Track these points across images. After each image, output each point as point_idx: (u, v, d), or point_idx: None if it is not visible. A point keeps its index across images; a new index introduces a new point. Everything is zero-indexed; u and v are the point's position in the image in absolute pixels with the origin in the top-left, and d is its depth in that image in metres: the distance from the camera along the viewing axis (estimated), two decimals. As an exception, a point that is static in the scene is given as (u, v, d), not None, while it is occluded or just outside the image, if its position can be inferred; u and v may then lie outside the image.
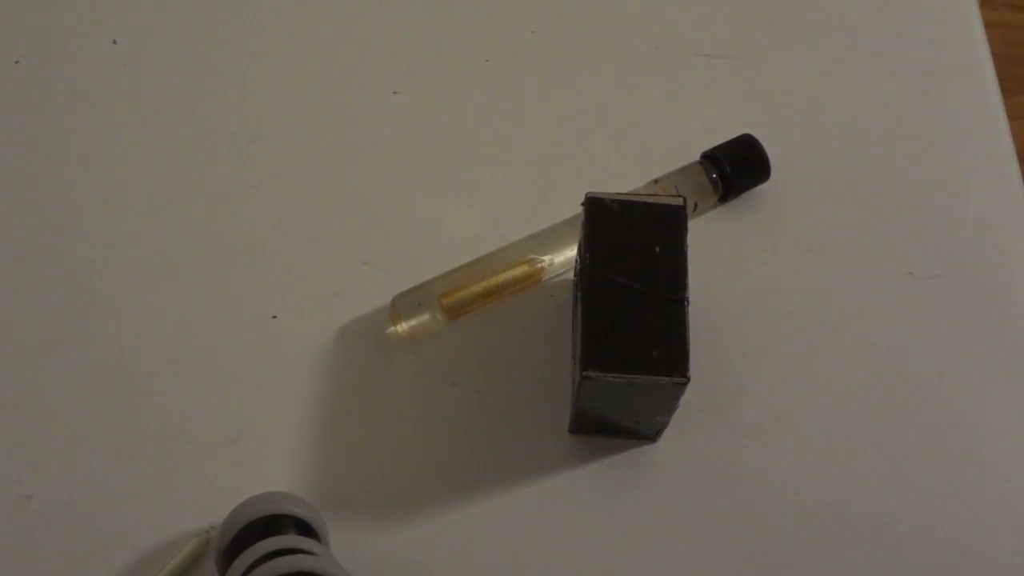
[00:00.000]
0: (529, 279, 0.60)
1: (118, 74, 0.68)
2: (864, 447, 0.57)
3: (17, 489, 0.55)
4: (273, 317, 0.60)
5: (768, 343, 0.60)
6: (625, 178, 0.61)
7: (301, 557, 0.48)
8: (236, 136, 0.66)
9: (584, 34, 0.70)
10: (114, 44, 0.69)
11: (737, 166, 0.62)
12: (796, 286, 0.62)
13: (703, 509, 0.56)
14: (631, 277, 0.51)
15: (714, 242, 0.62)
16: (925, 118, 0.67)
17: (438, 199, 0.64)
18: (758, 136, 0.63)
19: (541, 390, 0.58)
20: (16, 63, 0.68)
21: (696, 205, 0.62)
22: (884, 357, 0.60)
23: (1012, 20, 1.58)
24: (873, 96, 0.68)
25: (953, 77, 0.69)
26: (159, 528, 0.54)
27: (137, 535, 0.54)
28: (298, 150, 0.65)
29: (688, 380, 0.49)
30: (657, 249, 0.52)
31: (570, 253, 0.60)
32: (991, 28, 0.72)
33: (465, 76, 0.68)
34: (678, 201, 0.53)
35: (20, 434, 0.57)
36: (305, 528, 0.51)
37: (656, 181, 0.62)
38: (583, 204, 0.53)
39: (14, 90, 0.67)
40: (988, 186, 0.65)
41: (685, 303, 0.50)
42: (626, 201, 0.53)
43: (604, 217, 0.53)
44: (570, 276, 0.61)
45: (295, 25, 0.70)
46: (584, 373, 0.49)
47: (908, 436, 0.58)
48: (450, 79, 0.68)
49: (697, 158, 0.63)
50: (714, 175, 0.62)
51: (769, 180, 0.63)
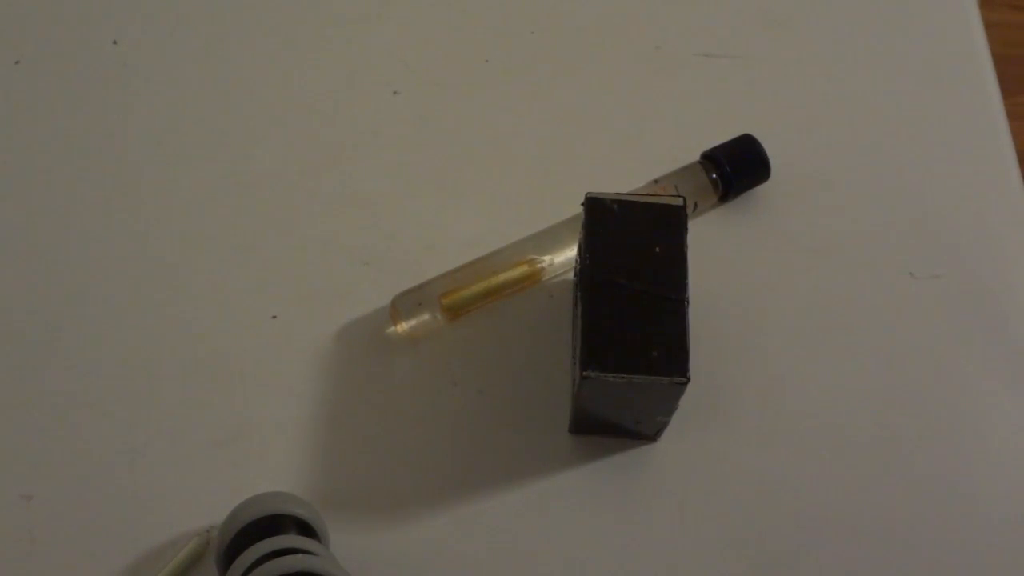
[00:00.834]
0: (529, 279, 0.60)
1: (118, 74, 0.68)
2: (864, 447, 0.57)
3: (17, 489, 0.55)
4: (273, 317, 0.60)
5: (768, 343, 0.60)
6: (625, 178, 0.61)
7: (301, 557, 0.48)
8: (236, 136, 0.66)
9: (584, 34, 0.70)
10: (114, 44, 0.69)
11: (737, 166, 0.62)
12: (796, 286, 0.62)
13: (703, 509, 0.56)
14: (631, 277, 0.51)
15: (714, 242, 0.62)
16: (925, 118, 0.67)
17: (438, 199, 0.64)
18: (758, 136, 0.63)
19: (541, 390, 0.58)
20: (16, 63, 0.68)
21: (696, 205, 0.62)
22: (884, 357, 0.60)
23: (1012, 20, 1.58)
24: (873, 96, 0.68)
25: (953, 77, 0.69)
26: (159, 528, 0.54)
27: (137, 535, 0.54)
28: (298, 150, 0.65)
29: (688, 380, 0.49)
30: (657, 249, 0.52)
31: (570, 253, 0.60)
32: (991, 28, 0.72)
33: (465, 76, 0.68)
34: (678, 201, 0.53)
35: (20, 434, 0.57)
36: (305, 528, 0.51)
37: (656, 181, 0.62)
38: (583, 204, 0.53)
39: (14, 90, 0.67)
40: (988, 186, 0.65)
41: (685, 303, 0.50)
42: (626, 201, 0.53)
43: (604, 217, 0.53)
44: (570, 276, 0.61)
45: (295, 25, 0.70)
46: (584, 373, 0.49)
47: (908, 436, 0.58)
48: (450, 79, 0.68)
49: (697, 158, 0.63)
50: (714, 175, 0.62)
51: (769, 180, 0.63)
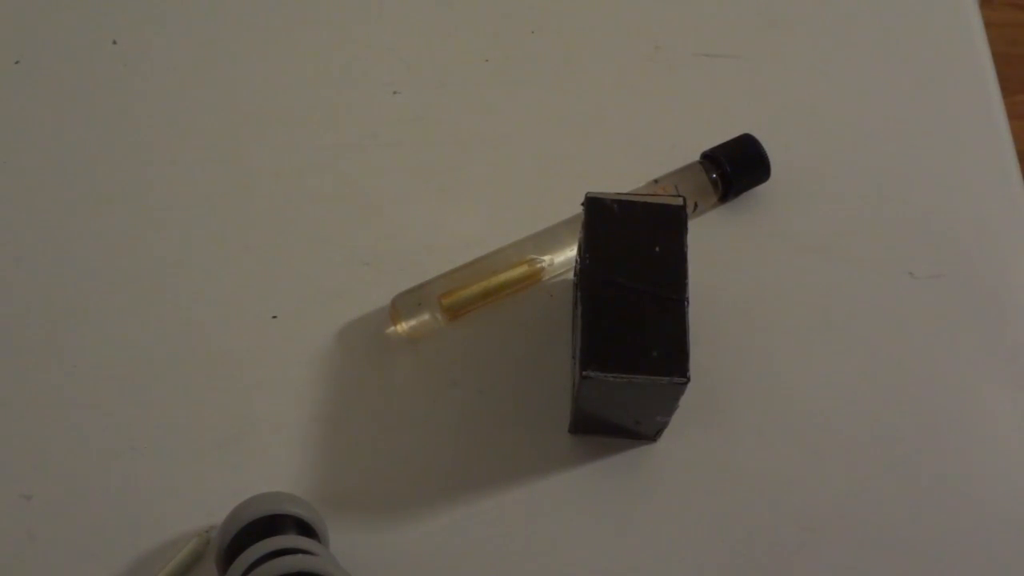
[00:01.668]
0: (529, 279, 0.60)
1: (118, 74, 0.68)
2: (864, 447, 0.57)
3: (17, 489, 0.55)
4: (273, 317, 0.60)
5: (768, 343, 0.60)
6: (625, 178, 0.61)
7: (301, 557, 0.48)
8: (236, 136, 0.66)
9: (584, 34, 0.70)
10: (114, 44, 0.69)
11: (737, 166, 0.62)
12: (796, 286, 0.62)
13: (703, 509, 0.56)
14: (631, 277, 0.51)
15: (714, 242, 0.62)
16: (925, 118, 0.67)
17: (438, 199, 0.64)
18: (758, 136, 0.63)
19: (541, 390, 0.58)
20: (16, 63, 0.68)
21: (696, 205, 0.62)
22: (884, 357, 0.60)
23: (1012, 19, 1.58)
24: (873, 96, 0.68)
25: (953, 77, 0.69)
26: (159, 528, 0.54)
27: (137, 535, 0.54)
28: (298, 150, 0.65)
29: (688, 380, 0.49)
30: (657, 249, 0.52)
31: (570, 253, 0.60)
32: (991, 28, 0.72)
33: (465, 76, 0.68)
34: (678, 201, 0.53)
35: (20, 434, 0.57)
36: (305, 528, 0.51)
37: (656, 181, 0.62)
38: (583, 204, 0.53)
39: (14, 90, 0.67)
40: (988, 186, 0.65)
41: (685, 303, 0.50)
42: (626, 201, 0.53)
43: (604, 217, 0.53)
44: (570, 276, 0.61)
45: (295, 25, 0.70)
46: (584, 373, 0.49)
47: (908, 436, 0.58)
48: (450, 79, 0.68)
49: (697, 158, 0.63)
50: (714, 175, 0.62)
51: (769, 180, 0.63)
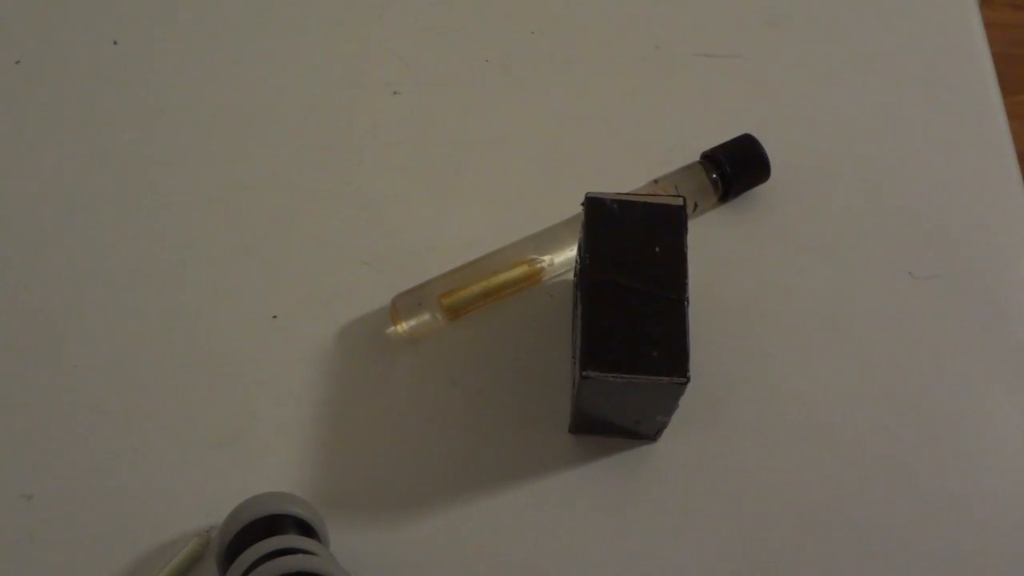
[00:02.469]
0: (529, 279, 0.60)
1: (118, 74, 0.68)
2: (863, 447, 0.57)
3: (17, 489, 0.55)
4: (273, 317, 0.60)
5: (768, 343, 0.60)
6: (625, 178, 0.61)
7: (301, 557, 0.48)
8: (236, 136, 0.66)
9: (584, 34, 0.70)
10: (114, 44, 0.69)
11: (737, 166, 0.62)
12: (796, 286, 0.62)
13: (703, 509, 0.56)
14: (631, 277, 0.51)
15: (714, 242, 0.62)
16: (925, 118, 0.67)
17: (438, 199, 0.64)
18: (758, 136, 0.63)
19: (541, 390, 0.58)
20: (16, 63, 0.68)
21: (696, 205, 0.62)
22: (883, 357, 0.60)
23: (1012, 20, 1.58)
24: (873, 96, 0.68)
25: (953, 77, 0.69)
26: (159, 528, 0.54)
27: (137, 535, 0.54)
28: (298, 150, 0.65)
29: (688, 380, 0.49)
30: (657, 249, 0.52)
31: (570, 253, 0.60)
32: (991, 28, 0.72)
33: (465, 76, 0.68)
34: (678, 201, 0.53)
35: (20, 434, 0.57)
36: (305, 528, 0.51)
37: (656, 181, 0.62)
38: (583, 204, 0.53)
39: (14, 90, 0.67)
40: (988, 186, 0.65)
41: (685, 303, 0.50)
42: (626, 201, 0.53)
43: (604, 217, 0.53)
44: (570, 276, 0.61)
45: (295, 25, 0.70)
46: (584, 373, 0.49)
47: (908, 436, 0.58)
48: (450, 79, 0.68)
49: (697, 158, 0.63)
50: (714, 175, 0.62)
51: (769, 180, 0.63)
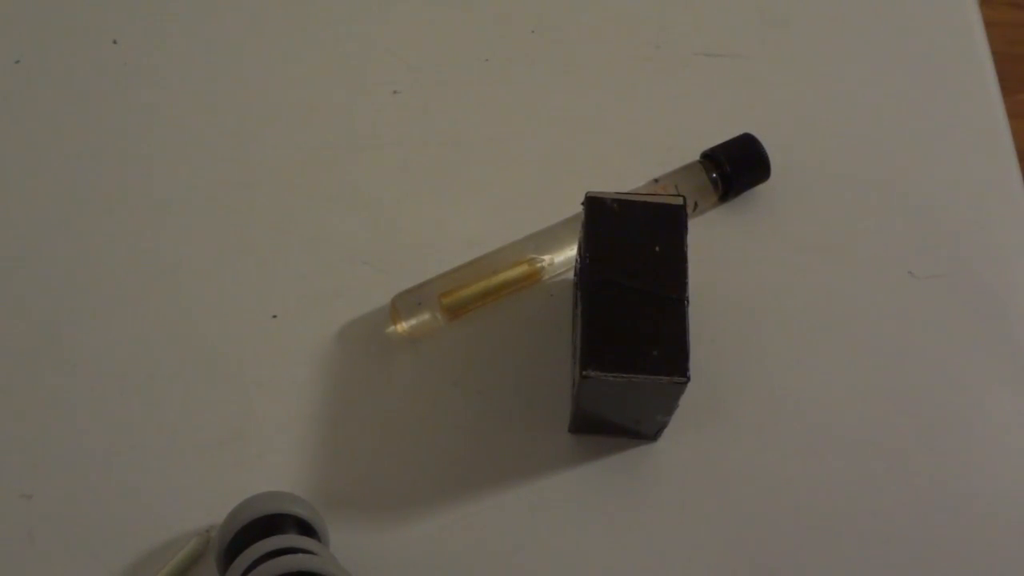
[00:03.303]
0: (529, 279, 0.60)
1: (118, 74, 0.68)
2: (864, 447, 0.57)
3: (17, 489, 0.55)
4: (273, 317, 0.60)
5: (768, 343, 0.60)
6: (625, 178, 0.61)
7: (301, 557, 0.48)
8: (236, 136, 0.66)
9: (584, 34, 0.70)
10: (114, 44, 0.69)
11: (737, 166, 0.62)
12: (796, 286, 0.62)
13: (703, 509, 0.56)
14: (631, 277, 0.51)
15: (714, 242, 0.62)
16: (925, 117, 0.67)
17: (438, 199, 0.64)
18: (758, 136, 0.63)
19: (541, 390, 0.58)
20: (16, 63, 0.68)
21: (696, 205, 0.62)
22: (884, 357, 0.60)
23: (1012, 19, 1.58)
24: (873, 96, 0.68)
25: (953, 76, 0.69)
26: (159, 528, 0.54)
27: (137, 535, 0.54)
28: (298, 150, 0.65)
29: (688, 380, 0.49)
30: (657, 249, 0.52)
31: (570, 253, 0.60)
32: (991, 27, 0.72)
33: (465, 76, 0.68)
34: (678, 201, 0.53)
35: (20, 434, 0.57)
36: (305, 528, 0.51)
37: (656, 181, 0.62)
38: (583, 204, 0.53)
39: (14, 90, 0.67)
40: (988, 186, 0.65)
41: (685, 303, 0.50)
42: (626, 201, 0.53)
43: (604, 217, 0.53)
44: (570, 276, 0.61)
45: (295, 25, 0.70)
46: (584, 373, 0.49)
47: (908, 436, 0.58)
48: (450, 79, 0.68)
49: (697, 158, 0.63)
50: (714, 175, 0.62)
51: (769, 180, 0.63)
